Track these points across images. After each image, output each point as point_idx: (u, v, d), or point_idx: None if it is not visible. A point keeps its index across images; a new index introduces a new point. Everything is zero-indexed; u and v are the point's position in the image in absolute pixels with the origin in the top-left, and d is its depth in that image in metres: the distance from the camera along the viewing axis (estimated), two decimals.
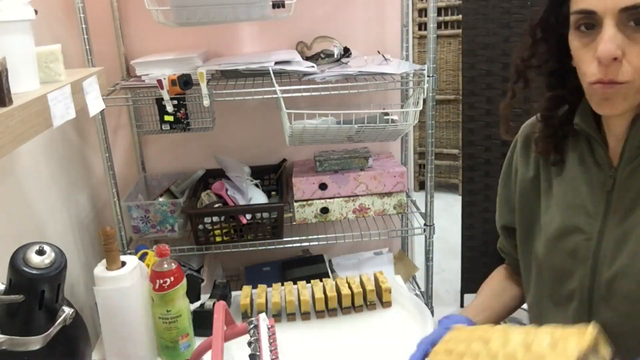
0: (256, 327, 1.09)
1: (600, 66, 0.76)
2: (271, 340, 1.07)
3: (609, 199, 0.87)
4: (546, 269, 0.97)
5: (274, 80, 1.60)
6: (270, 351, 1.04)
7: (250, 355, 1.03)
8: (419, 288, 2.13)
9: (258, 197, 1.88)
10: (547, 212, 0.97)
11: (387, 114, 1.73)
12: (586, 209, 0.89)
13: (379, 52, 1.87)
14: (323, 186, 1.85)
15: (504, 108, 0.97)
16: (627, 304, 0.83)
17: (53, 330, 0.96)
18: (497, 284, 1.17)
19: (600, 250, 0.87)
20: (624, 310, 0.83)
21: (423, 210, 1.91)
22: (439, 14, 3.75)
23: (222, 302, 1.13)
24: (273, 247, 1.83)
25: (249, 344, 1.06)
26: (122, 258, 1.23)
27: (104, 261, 1.21)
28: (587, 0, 0.76)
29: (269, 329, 1.10)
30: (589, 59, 0.78)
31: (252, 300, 1.49)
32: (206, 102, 1.65)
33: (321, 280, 1.52)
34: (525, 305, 1.10)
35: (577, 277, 0.91)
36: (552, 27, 0.87)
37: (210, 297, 1.44)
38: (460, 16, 3.68)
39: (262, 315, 1.12)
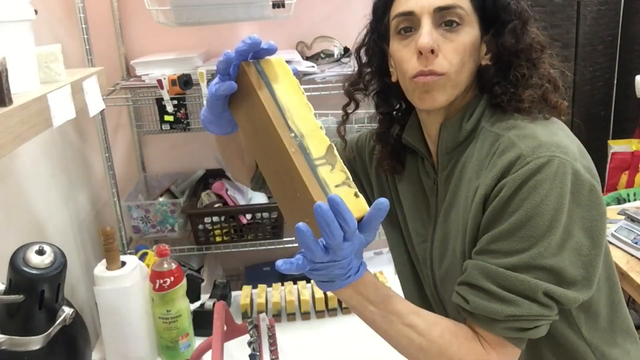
0: (256, 327, 1.09)
1: (420, 59, 0.83)
2: (271, 340, 1.07)
3: (435, 204, 0.93)
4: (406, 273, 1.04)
5: None
6: (271, 351, 1.04)
7: (250, 355, 1.03)
8: None
9: (258, 197, 1.88)
10: (404, 220, 1.02)
11: None
12: (422, 215, 0.96)
13: None
14: None
15: (338, 130, 1.04)
16: (459, 290, 0.88)
17: (53, 330, 0.96)
18: None
19: (433, 251, 0.94)
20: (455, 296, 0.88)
21: None
22: None
23: (222, 302, 1.13)
24: (273, 247, 1.83)
25: (249, 343, 1.06)
26: (122, 258, 1.23)
27: (104, 261, 1.21)
28: (405, 4, 0.85)
29: (269, 328, 1.10)
30: (409, 56, 0.85)
31: (252, 300, 1.49)
32: None
33: None
34: None
35: (425, 277, 0.99)
36: (374, 46, 0.95)
37: (210, 297, 1.44)
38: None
39: (262, 315, 1.12)
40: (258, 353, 1.04)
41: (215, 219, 1.77)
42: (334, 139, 0.87)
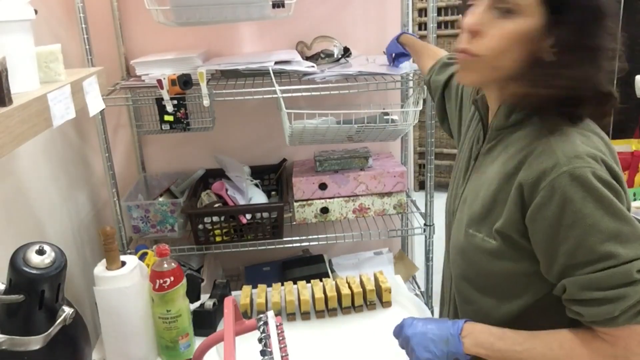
0: (266, 323, 1.10)
1: (463, 36, 0.88)
2: (280, 338, 1.07)
3: (471, 168, 1.03)
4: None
5: (274, 80, 1.60)
6: (280, 348, 1.05)
7: (261, 351, 1.03)
8: (419, 288, 2.13)
9: (258, 197, 1.88)
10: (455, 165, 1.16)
11: (387, 113, 1.73)
12: (461, 173, 1.07)
13: (384, 52, 1.86)
14: (323, 186, 1.85)
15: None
16: (454, 252, 1.03)
17: (53, 330, 0.96)
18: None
19: (457, 207, 1.05)
20: (453, 259, 1.03)
21: (423, 210, 1.91)
22: (439, 14, 3.75)
23: (232, 297, 1.13)
24: (273, 247, 1.83)
25: (260, 340, 1.06)
26: (122, 258, 1.23)
27: (104, 261, 1.21)
28: None
29: (277, 326, 1.10)
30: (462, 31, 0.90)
31: (252, 300, 1.49)
32: (206, 102, 1.65)
33: (321, 280, 1.52)
34: None
35: (447, 229, 1.13)
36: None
37: (210, 297, 1.44)
38: (460, 16, 3.68)
39: (270, 313, 1.12)
40: (269, 349, 1.04)
41: (215, 219, 1.77)
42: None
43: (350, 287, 1.46)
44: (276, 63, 1.70)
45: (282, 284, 1.53)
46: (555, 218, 0.82)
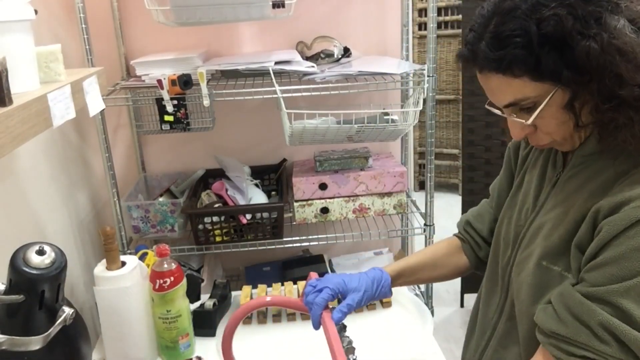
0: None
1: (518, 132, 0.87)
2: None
3: (547, 194, 0.95)
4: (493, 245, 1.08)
5: (274, 80, 1.60)
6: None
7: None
8: (419, 288, 2.13)
9: (258, 197, 1.88)
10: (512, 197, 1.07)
11: (387, 114, 1.73)
12: (529, 200, 0.98)
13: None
14: (323, 186, 1.85)
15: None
16: (518, 289, 0.94)
17: (53, 330, 0.96)
18: (435, 253, 1.21)
19: (524, 237, 0.96)
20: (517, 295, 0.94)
21: (423, 210, 1.91)
22: (439, 14, 3.75)
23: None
24: (273, 247, 1.83)
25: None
26: (122, 258, 1.23)
27: (104, 261, 1.21)
28: (488, 94, 0.87)
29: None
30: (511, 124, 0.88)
31: None
32: (206, 102, 1.65)
33: None
34: None
35: (502, 257, 1.02)
36: None
37: (210, 297, 1.44)
38: (460, 16, 3.68)
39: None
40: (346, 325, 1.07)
41: (215, 219, 1.77)
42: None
43: None
44: (276, 63, 1.70)
45: (282, 284, 1.53)
46: (620, 232, 0.76)
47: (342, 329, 1.04)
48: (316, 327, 1.03)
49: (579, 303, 0.78)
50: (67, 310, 1.00)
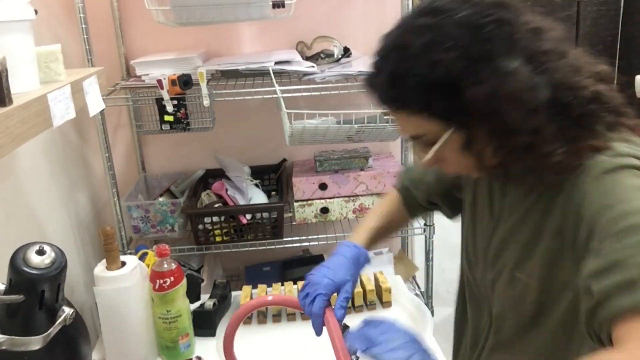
0: None
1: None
2: None
3: (500, 206, 0.94)
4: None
5: (274, 80, 1.60)
6: None
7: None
8: (419, 288, 2.13)
9: (258, 197, 1.88)
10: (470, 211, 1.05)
11: (387, 113, 1.73)
12: (485, 211, 0.97)
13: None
14: (323, 186, 1.85)
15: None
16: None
17: (53, 330, 0.96)
18: (390, 213, 1.21)
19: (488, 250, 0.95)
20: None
21: None
22: None
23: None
24: (273, 247, 1.83)
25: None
26: (122, 258, 1.23)
27: (104, 261, 1.21)
28: None
29: None
30: None
31: None
32: (206, 102, 1.65)
33: None
34: None
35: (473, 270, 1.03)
36: None
37: (210, 297, 1.44)
38: None
39: None
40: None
41: (215, 219, 1.77)
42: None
43: None
44: (276, 63, 1.70)
45: (282, 284, 1.53)
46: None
47: (344, 328, 1.03)
48: (319, 334, 1.02)
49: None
50: (67, 310, 1.00)
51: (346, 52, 1.84)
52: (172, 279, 1.23)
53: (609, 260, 0.68)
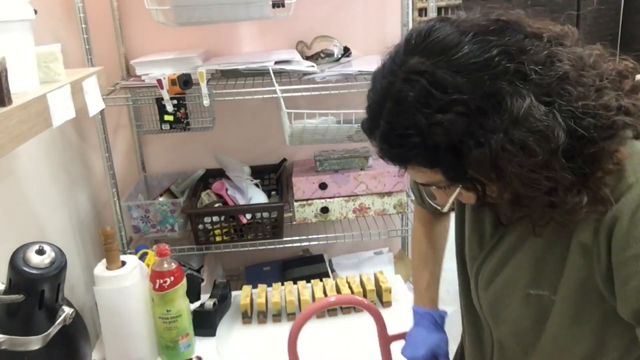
0: None
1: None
2: None
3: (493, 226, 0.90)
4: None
5: (274, 80, 1.60)
6: None
7: None
8: None
9: (258, 197, 1.88)
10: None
11: None
12: (482, 228, 0.93)
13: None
14: (323, 186, 1.85)
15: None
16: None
17: (53, 330, 0.96)
18: (427, 235, 1.21)
19: (482, 270, 0.92)
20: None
21: None
22: (438, 14, 3.74)
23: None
24: (273, 247, 1.83)
25: None
26: (122, 258, 1.23)
27: (104, 261, 1.21)
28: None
29: None
30: None
31: (252, 300, 1.49)
32: (206, 101, 1.65)
33: (321, 280, 1.52)
34: None
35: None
36: None
37: (210, 297, 1.44)
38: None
39: None
40: None
41: (215, 218, 1.77)
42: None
43: (350, 287, 1.46)
44: (276, 63, 1.70)
45: (282, 284, 1.53)
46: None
47: None
48: None
49: None
50: (67, 310, 1.00)
51: (346, 51, 1.84)
52: (172, 278, 1.23)
53: None
